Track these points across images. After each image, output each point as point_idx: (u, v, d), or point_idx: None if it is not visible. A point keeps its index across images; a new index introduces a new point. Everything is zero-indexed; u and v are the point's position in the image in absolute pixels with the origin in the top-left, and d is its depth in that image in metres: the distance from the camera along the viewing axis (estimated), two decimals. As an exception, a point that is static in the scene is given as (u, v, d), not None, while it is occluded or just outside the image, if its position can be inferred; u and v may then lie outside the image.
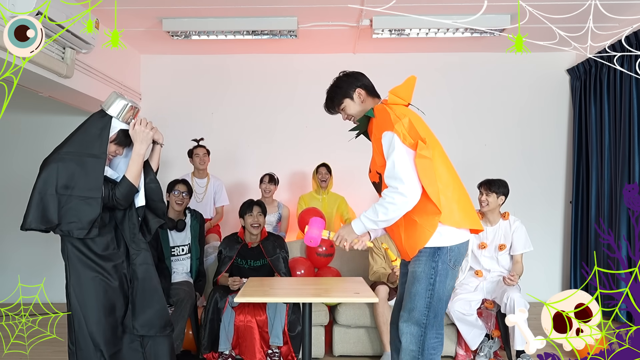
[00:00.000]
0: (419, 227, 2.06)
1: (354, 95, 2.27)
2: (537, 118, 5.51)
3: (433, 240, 2.06)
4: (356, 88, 2.27)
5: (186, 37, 4.84)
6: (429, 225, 2.05)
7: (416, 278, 2.08)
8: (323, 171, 4.81)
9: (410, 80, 2.24)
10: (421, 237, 2.07)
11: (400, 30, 4.70)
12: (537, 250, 5.25)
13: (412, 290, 2.09)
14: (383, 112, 2.13)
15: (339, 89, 2.30)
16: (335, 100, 2.32)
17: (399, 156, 2.01)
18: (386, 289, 3.48)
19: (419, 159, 2.02)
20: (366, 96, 2.27)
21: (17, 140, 5.71)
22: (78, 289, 2.26)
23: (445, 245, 2.07)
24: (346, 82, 2.30)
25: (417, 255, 2.10)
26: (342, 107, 2.31)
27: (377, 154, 2.13)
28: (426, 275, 2.06)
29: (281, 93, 5.61)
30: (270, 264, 3.60)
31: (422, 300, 2.06)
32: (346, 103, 2.29)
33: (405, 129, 2.05)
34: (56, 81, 3.99)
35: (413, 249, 2.10)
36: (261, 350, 3.39)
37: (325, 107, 2.40)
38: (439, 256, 2.07)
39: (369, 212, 2.07)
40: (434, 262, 2.06)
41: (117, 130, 2.32)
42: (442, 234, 2.07)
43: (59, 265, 6.29)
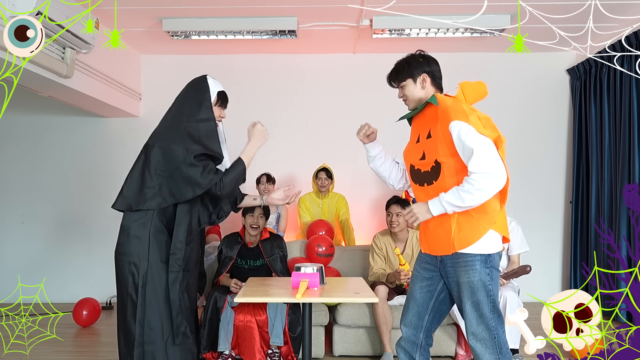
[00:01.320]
0: (475, 222, 2.06)
1: (418, 78, 2.24)
2: (537, 118, 5.51)
3: (483, 246, 2.06)
4: (423, 73, 2.24)
5: (186, 37, 4.84)
6: (485, 222, 2.05)
7: (474, 287, 2.07)
8: (323, 176, 4.79)
9: (480, 86, 2.25)
10: (474, 232, 2.06)
11: (400, 30, 4.70)
12: (537, 250, 5.27)
13: (474, 299, 2.07)
14: (453, 102, 2.13)
15: (408, 65, 2.26)
16: (399, 76, 2.28)
17: (487, 145, 1.99)
18: (386, 289, 3.48)
19: (501, 152, 2.04)
20: (430, 84, 2.25)
21: (17, 140, 5.70)
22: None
23: (494, 252, 2.09)
24: (417, 62, 2.26)
25: (467, 264, 2.07)
26: (403, 85, 2.28)
27: (441, 143, 2.09)
28: (483, 283, 2.06)
29: (281, 93, 5.61)
30: (269, 264, 3.60)
31: (486, 306, 2.06)
32: (408, 83, 2.25)
33: (481, 122, 2.05)
34: (56, 81, 3.99)
35: (462, 243, 2.07)
36: (261, 350, 3.39)
37: (388, 78, 2.34)
38: (491, 262, 2.08)
39: (451, 197, 2.02)
40: (488, 268, 2.07)
41: (215, 93, 2.44)
42: (491, 240, 2.08)
43: (59, 265, 6.33)
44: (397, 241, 3.67)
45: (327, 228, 4.48)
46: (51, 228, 5.65)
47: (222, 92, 2.49)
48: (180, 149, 2.28)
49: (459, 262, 2.09)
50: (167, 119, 2.45)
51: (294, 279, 2.35)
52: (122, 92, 5.18)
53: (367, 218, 5.46)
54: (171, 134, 2.33)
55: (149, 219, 2.30)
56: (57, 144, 5.65)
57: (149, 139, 2.41)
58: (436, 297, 2.25)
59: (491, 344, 2.06)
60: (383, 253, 3.71)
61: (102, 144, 5.67)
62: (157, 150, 2.31)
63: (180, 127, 2.34)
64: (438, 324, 2.32)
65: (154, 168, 2.30)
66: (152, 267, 2.26)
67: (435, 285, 2.24)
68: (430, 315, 2.27)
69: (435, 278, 2.23)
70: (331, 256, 3.99)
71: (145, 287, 2.25)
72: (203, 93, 2.42)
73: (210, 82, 2.47)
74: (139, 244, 2.28)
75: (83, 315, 4.44)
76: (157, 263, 2.27)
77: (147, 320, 2.24)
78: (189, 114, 2.37)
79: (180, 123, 2.35)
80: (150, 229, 2.29)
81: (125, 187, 2.36)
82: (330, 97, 5.55)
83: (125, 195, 2.34)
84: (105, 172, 5.63)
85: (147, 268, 2.26)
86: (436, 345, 3.55)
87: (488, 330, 2.06)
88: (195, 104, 2.40)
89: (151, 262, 2.26)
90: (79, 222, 5.63)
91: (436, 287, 2.24)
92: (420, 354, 2.28)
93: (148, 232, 2.28)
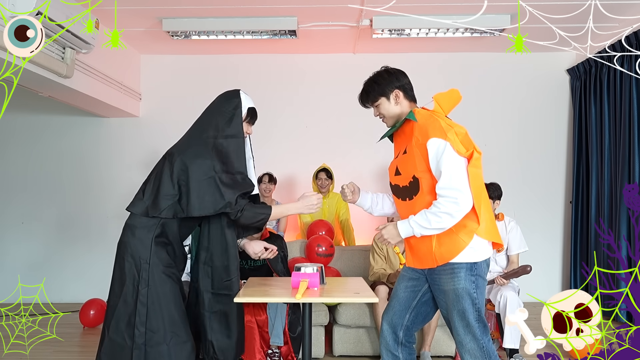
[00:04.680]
0: (454, 235, 2.05)
1: (390, 95, 2.21)
2: (537, 118, 5.51)
3: (469, 255, 2.06)
4: (394, 88, 2.20)
5: (186, 37, 4.84)
6: (464, 235, 2.05)
7: (459, 295, 2.06)
8: (323, 177, 4.79)
9: (454, 93, 2.22)
10: (455, 246, 2.06)
11: (400, 30, 4.70)
12: (537, 250, 5.27)
13: (459, 307, 2.07)
14: (430, 118, 2.11)
15: (376, 85, 2.22)
16: (370, 96, 2.25)
17: (457, 167, 1.99)
18: (386, 289, 3.48)
19: (473, 168, 2.02)
20: (403, 98, 2.22)
21: (17, 140, 5.70)
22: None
23: (480, 260, 2.09)
24: (386, 79, 2.22)
25: (453, 272, 2.07)
26: (377, 104, 2.25)
27: (419, 159, 2.08)
28: (468, 291, 2.06)
29: (281, 93, 5.61)
30: (269, 264, 3.59)
31: (471, 315, 2.06)
32: (381, 101, 2.23)
33: (458, 138, 2.03)
34: (56, 81, 3.99)
35: (443, 257, 2.07)
36: (261, 350, 3.39)
37: (359, 99, 2.31)
38: (476, 270, 2.07)
39: (420, 219, 2.04)
40: (473, 276, 2.07)
41: (246, 108, 2.40)
42: (476, 248, 2.07)
43: (59, 265, 6.32)
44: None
45: (327, 228, 4.48)
46: (51, 228, 5.65)
47: (253, 109, 2.45)
48: (207, 163, 2.25)
49: (445, 270, 2.10)
50: (196, 129, 2.40)
51: (294, 279, 2.35)
52: (122, 92, 5.18)
53: (367, 218, 5.42)
54: (199, 147, 2.30)
55: (155, 224, 2.29)
56: (57, 144, 5.65)
57: (174, 147, 2.38)
58: (419, 297, 2.26)
59: (480, 354, 2.06)
60: (384, 253, 3.71)
61: (102, 144, 5.67)
62: (182, 161, 2.26)
63: (208, 140, 2.31)
64: (420, 324, 2.33)
65: (177, 178, 2.26)
66: (153, 270, 2.26)
67: (420, 286, 2.25)
68: (412, 315, 2.28)
69: (421, 279, 2.24)
70: (331, 256, 3.99)
71: (148, 289, 2.24)
72: (235, 108, 2.38)
73: (242, 97, 2.42)
74: (141, 245, 2.27)
75: (90, 315, 4.45)
76: (159, 266, 2.27)
77: (150, 323, 2.24)
78: (219, 128, 2.34)
79: (209, 136, 2.32)
80: (155, 232, 2.29)
81: (147, 191, 2.32)
82: (330, 97, 5.55)
83: (145, 200, 2.30)
84: (105, 172, 5.63)
85: (148, 269, 2.25)
86: (436, 345, 3.55)
87: (475, 341, 2.07)
88: (226, 118, 2.36)
89: (153, 263, 2.26)
90: (79, 222, 5.63)
91: (421, 288, 2.25)
92: (401, 350, 2.29)
93: (152, 235, 2.28)
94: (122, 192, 5.38)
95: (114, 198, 5.51)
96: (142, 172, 2.58)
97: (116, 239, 2.35)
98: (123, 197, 5.56)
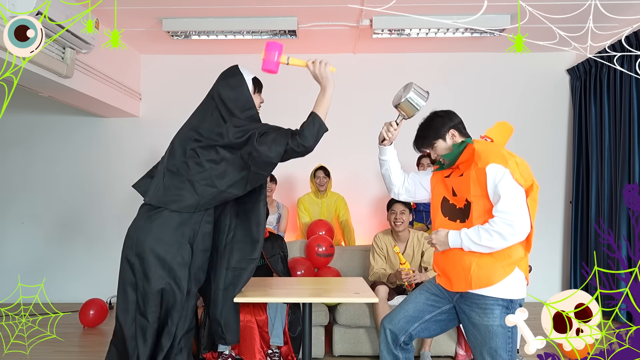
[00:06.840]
0: (497, 263, 2.04)
1: (447, 136, 2.21)
2: (537, 118, 5.51)
3: (506, 290, 2.04)
4: (450, 129, 2.21)
5: (186, 37, 4.84)
6: (507, 266, 2.04)
7: (493, 333, 2.04)
8: (321, 175, 4.78)
9: (504, 125, 2.22)
10: (494, 273, 2.03)
11: (400, 30, 4.70)
12: (537, 250, 5.24)
13: (492, 345, 2.05)
14: (491, 146, 2.12)
15: (433, 128, 2.23)
16: (426, 141, 2.25)
17: (516, 194, 1.99)
18: (386, 289, 3.48)
19: (531, 201, 2.02)
20: (459, 136, 2.22)
21: (17, 140, 5.70)
22: None
23: (517, 298, 2.07)
24: (440, 122, 2.22)
25: (487, 307, 2.06)
26: (434, 147, 2.25)
27: (474, 183, 2.07)
28: (504, 329, 2.04)
29: (280, 93, 5.61)
30: (269, 264, 3.60)
31: (504, 353, 2.05)
32: (438, 144, 2.23)
33: (518, 169, 2.04)
34: (56, 81, 3.99)
35: (480, 282, 2.05)
36: (261, 350, 3.39)
37: (414, 145, 2.32)
38: (513, 308, 2.05)
39: (471, 232, 2.03)
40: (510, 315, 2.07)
41: (250, 82, 2.40)
42: (515, 285, 2.05)
43: (59, 265, 6.31)
44: (399, 241, 3.67)
45: (327, 228, 4.49)
46: (51, 228, 5.65)
47: (256, 78, 2.45)
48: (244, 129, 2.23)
49: (477, 304, 2.07)
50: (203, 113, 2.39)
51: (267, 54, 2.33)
52: (122, 92, 5.18)
53: (367, 218, 5.46)
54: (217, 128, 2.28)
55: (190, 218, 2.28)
56: (57, 144, 5.65)
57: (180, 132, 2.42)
58: (435, 314, 2.25)
59: None
60: (384, 253, 3.71)
61: (102, 144, 5.67)
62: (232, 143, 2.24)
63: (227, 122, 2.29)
64: (423, 336, 2.32)
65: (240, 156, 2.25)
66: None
67: (441, 305, 2.24)
68: (421, 327, 2.27)
69: (445, 300, 2.23)
70: (331, 256, 3.99)
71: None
72: (242, 85, 2.36)
73: (243, 72, 2.40)
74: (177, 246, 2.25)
75: (90, 315, 4.45)
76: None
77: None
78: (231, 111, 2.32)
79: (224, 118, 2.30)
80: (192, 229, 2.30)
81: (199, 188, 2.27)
82: (330, 97, 5.53)
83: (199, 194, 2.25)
84: (105, 172, 5.63)
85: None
86: (436, 345, 3.55)
87: None
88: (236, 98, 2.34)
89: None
90: (79, 222, 5.63)
91: (441, 306, 2.24)
92: (401, 350, 2.29)
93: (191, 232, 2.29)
94: (122, 192, 5.38)
95: (114, 198, 5.51)
96: (142, 172, 2.58)
97: (116, 239, 2.33)
98: (123, 197, 5.58)
